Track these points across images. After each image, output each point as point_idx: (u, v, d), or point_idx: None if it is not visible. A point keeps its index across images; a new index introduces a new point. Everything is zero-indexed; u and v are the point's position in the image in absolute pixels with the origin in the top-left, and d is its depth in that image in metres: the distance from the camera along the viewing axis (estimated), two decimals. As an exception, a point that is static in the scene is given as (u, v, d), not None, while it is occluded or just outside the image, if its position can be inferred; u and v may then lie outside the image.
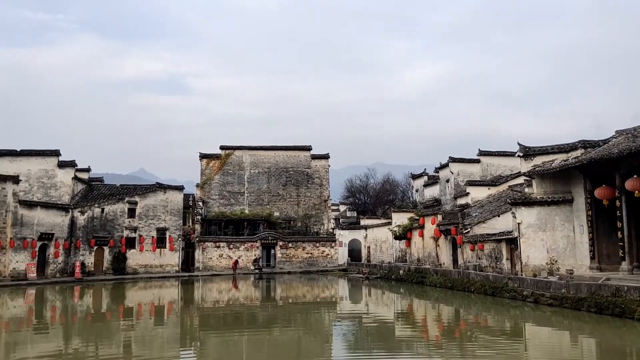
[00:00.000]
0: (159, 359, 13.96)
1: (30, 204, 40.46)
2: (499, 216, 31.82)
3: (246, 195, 57.90)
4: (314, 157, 60.00)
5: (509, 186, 38.69)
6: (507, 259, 28.33)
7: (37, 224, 40.08)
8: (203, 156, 58.52)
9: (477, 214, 35.84)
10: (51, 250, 41.65)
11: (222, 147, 59.02)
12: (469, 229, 32.73)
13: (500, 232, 29.34)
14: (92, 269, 44.37)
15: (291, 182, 58.75)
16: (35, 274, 38.94)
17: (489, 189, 42.68)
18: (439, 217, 36.99)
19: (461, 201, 42.94)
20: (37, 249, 39.76)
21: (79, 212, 45.31)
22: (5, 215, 37.38)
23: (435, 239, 36.88)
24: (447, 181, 50.93)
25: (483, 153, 50.90)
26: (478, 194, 42.32)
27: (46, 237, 40.86)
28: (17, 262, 37.98)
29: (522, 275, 25.71)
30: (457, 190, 47.96)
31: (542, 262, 26.01)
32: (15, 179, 38.90)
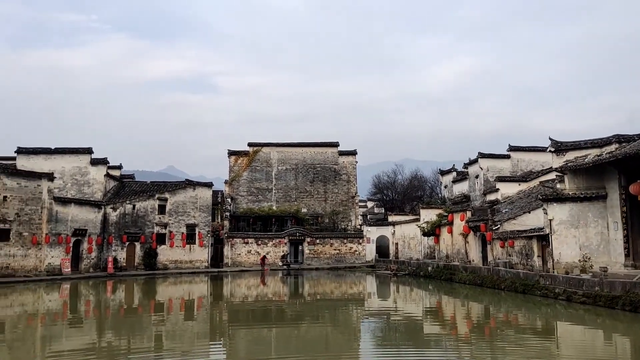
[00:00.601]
0: (190, 352, 14.18)
1: (64, 201, 41.47)
2: (529, 212, 31.30)
3: (274, 191, 58.22)
4: (342, 153, 59.95)
5: (540, 182, 37.99)
6: (538, 256, 27.85)
7: (71, 220, 41.07)
8: (231, 153, 59.04)
9: (507, 210, 35.31)
10: (85, 245, 42.64)
11: (250, 144, 59.44)
12: (498, 226, 32.29)
13: (531, 229, 28.85)
14: (124, 264, 45.26)
15: (319, 179, 58.84)
16: (69, 269, 39.94)
17: (519, 184, 41.97)
18: (468, 214, 36.59)
19: (491, 197, 42.36)
20: (71, 244, 40.75)
21: (111, 208, 46.24)
22: (41, 212, 38.40)
23: (464, 236, 36.49)
24: (477, 177, 50.29)
25: (513, 148, 50.06)
26: (508, 190, 41.65)
27: (80, 233, 41.84)
28: (52, 257, 39.00)
29: (553, 272, 25.25)
30: (486, 187, 47.32)
31: (575, 260, 25.49)
32: (50, 176, 39.92)
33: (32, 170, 42.02)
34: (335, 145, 60.19)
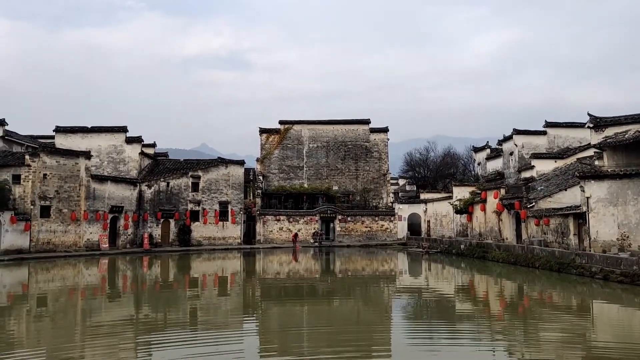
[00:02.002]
0: (224, 325, 14.47)
1: (101, 178, 42.49)
2: (566, 190, 30.62)
3: (305, 169, 58.35)
4: (373, 130, 59.50)
5: (578, 159, 37.05)
6: (574, 235, 27.30)
7: (107, 197, 42.11)
8: (263, 131, 59.25)
9: (542, 187, 34.61)
10: (121, 222, 43.72)
11: (281, 122, 59.50)
12: (533, 203, 31.72)
13: (568, 207, 28.24)
14: (159, 240, 46.28)
15: (350, 156, 58.65)
16: (107, 245, 41.09)
17: (555, 161, 41.06)
18: (502, 191, 36.02)
19: (525, 174, 41.57)
20: (108, 221, 41.85)
21: (146, 186, 47.17)
22: (79, 189, 39.45)
23: (498, 214, 35.99)
24: (511, 154, 49.35)
25: (550, 124, 48.83)
26: (544, 167, 40.79)
27: (116, 210, 42.88)
28: (90, 233, 40.16)
29: (590, 251, 24.74)
30: (521, 164, 46.42)
31: (612, 238, 24.90)
32: (87, 155, 40.89)
33: (70, 148, 43.12)
34: (366, 122, 59.75)
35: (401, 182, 76.07)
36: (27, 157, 37.50)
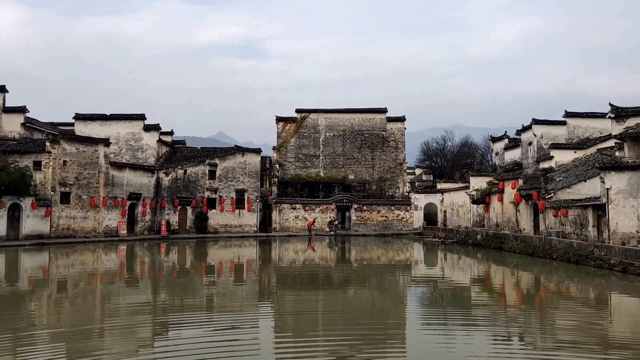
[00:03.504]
0: (239, 311, 14.60)
1: (119, 165, 42.95)
2: (585, 181, 30.23)
3: (321, 158, 58.34)
4: (390, 119, 59.22)
5: (598, 149, 36.51)
6: (593, 226, 26.98)
7: (126, 184, 42.58)
8: (279, 119, 59.29)
9: (561, 178, 34.20)
10: (139, 209, 44.21)
11: (297, 111, 59.46)
12: (552, 194, 31.38)
13: (587, 198, 27.89)
14: (177, 227, 46.74)
15: (366, 145, 58.49)
16: (125, 231, 41.62)
17: (575, 152, 40.49)
18: (520, 182, 35.69)
19: (544, 165, 41.08)
20: (127, 207, 42.36)
21: (163, 173, 47.58)
22: (98, 176, 39.94)
23: (516, 204, 35.68)
24: (530, 144, 48.78)
25: (570, 114, 48.13)
26: (563, 157, 40.25)
27: (135, 197, 43.36)
28: (109, 219, 40.71)
29: (609, 243, 24.44)
30: (540, 154, 45.88)
31: (632, 230, 24.56)
32: (106, 142, 41.34)
33: (89, 135, 43.63)
34: (383, 111, 59.46)
35: (418, 171, 75.71)
36: (47, 143, 38.03)
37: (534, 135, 47.68)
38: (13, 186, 33.96)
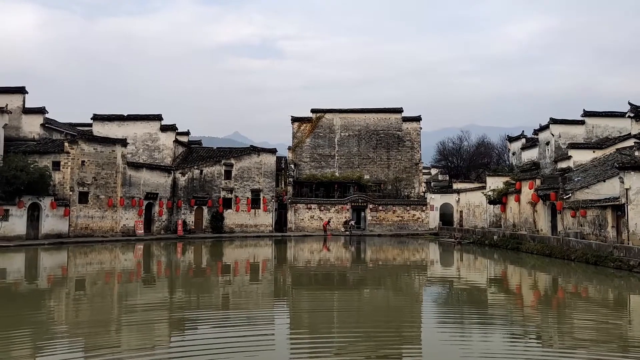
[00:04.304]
0: (255, 309, 14.67)
1: (136, 166, 43.35)
2: (604, 181, 29.85)
3: (336, 158, 58.33)
4: (405, 119, 59.01)
5: (617, 149, 36.04)
6: (612, 227, 26.63)
7: (143, 184, 42.97)
8: (294, 119, 59.40)
9: (579, 178, 33.82)
10: (156, 208, 44.58)
11: (313, 111, 59.51)
12: (570, 195, 31.02)
13: (606, 198, 27.54)
14: (193, 227, 47.04)
15: (382, 145, 58.35)
16: (142, 231, 42.00)
17: (593, 152, 40.03)
18: (537, 182, 35.33)
19: (562, 165, 40.67)
20: (143, 207, 42.74)
21: (180, 173, 47.92)
22: (116, 176, 40.37)
23: (533, 204, 35.34)
24: (547, 144, 48.32)
25: (588, 114, 47.58)
26: (581, 157, 39.83)
27: (151, 197, 43.74)
28: (126, 219, 41.11)
29: (628, 244, 24.10)
30: (557, 154, 45.42)
31: (653, 231, 24.17)
32: (123, 142, 41.77)
33: (107, 136, 44.12)
34: (399, 111, 59.27)
35: (433, 171, 75.31)
36: (66, 144, 38.54)
37: (552, 134, 47.22)
38: (33, 186, 34.47)
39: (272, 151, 51.99)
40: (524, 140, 56.53)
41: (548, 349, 10.77)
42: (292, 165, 56.04)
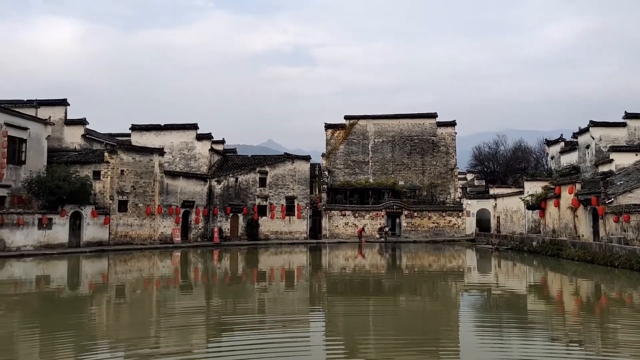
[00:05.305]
0: (290, 314, 14.70)
1: (173, 174, 44.18)
2: (648, 184, 28.87)
3: (370, 164, 58.16)
4: (440, 124, 58.47)
5: (662, 151, 34.82)
6: (657, 232, 25.70)
7: (180, 192, 43.73)
8: (328, 126, 59.54)
9: (622, 182, 32.81)
10: (192, 216, 45.29)
11: (346, 117, 59.57)
12: (612, 199, 30.12)
13: (650, 202, 26.62)
14: (229, 234, 47.57)
15: (416, 151, 57.92)
16: (179, 238, 42.71)
17: (636, 155, 38.91)
18: (578, 186, 34.43)
19: (603, 169, 39.59)
20: (180, 215, 43.47)
21: (215, 181, 48.59)
22: (154, 185, 41.21)
23: (573, 210, 34.44)
24: (587, 147, 47.11)
25: (630, 115, 46.22)
26: (623, 160, 38.72)
27: (188, 205, 44.46)
28: (164, 227, 41.88)
29: (676, 249, 23.21)
30: (598, 157, 44.24)
31: (702, 236, 23.24)
32: (160, 151, 42.63)
33: (144, 145, 45.12)
34: (433, 116, 58.77)
35: (469, 177, 74.34)
36: (106, 154, 39.57)
37: (592, 137, 46.04)
38: (74, 195, 35.48)
39: (306, 158, 52.22)
40: (562, 143, 55.29)
41: (590, 356, 10.45)
42: (326, 172, 56.14)
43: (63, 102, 44.55)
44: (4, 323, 13.56)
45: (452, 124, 58.60)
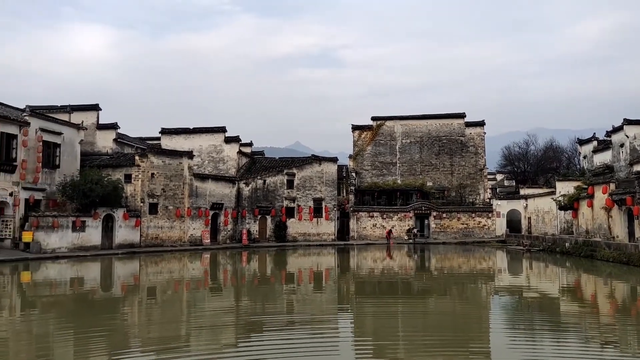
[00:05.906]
0: (319, 315, 14.72)
1: (202, 177, 44.70)
2: (686, 183, 28.00)
3: (398, 165, 57.85)
4: (468, 124, 57.80)
5: (700, 149, 33.72)
6: (696, 232, 24.90)
7: (209, 194, 44.22)
8: (355, 128, 59.46)
9: (658, 181, 31.87)
10: (221, 218, 45.73)
11: (373, 118, 59.39)
12: (648, 198, 29.29)
13: (688, 202, 25.80)
14: (257, 236, 47.89)
15: (444, 151, 57.38)
16: (209, 240, 43.17)
17: (673, 153, 37.67)
18: (612, 186, 33.60)
19: (638, 168, 38.53)
20: (209, 217, 43.94)
21: (244, 183, 48.99)
22: (183, 187, 41.77)
23: (607, 210, 33.61)
24: (622, 146, 45.98)
25: (666, 113, 44.89)
26: (660, 159, 37.59)
27: (217, 207, 44.92)
28: (194, 229, 42.39)
29: None
30: (633, 156, 43.12)
31: None
32: (190, 154, 43.19)
33: (174, 149, 45.76)
34: (461, 116, 58.15)
35: (499, 177, 73.30)
36: (136, 157, 40.29)
37: (626, 136, 44.92)
38: (107, 198, 36.20)
39: (333, 160, 52.24)
40: (595, 142, 54.08)
41: (626, 356, 10.19)
42: (354, 174, 56.05)
43: (95, 107, 45.53)
44: (40, 323, 13.94)
45: (481, 123, 57.87)
